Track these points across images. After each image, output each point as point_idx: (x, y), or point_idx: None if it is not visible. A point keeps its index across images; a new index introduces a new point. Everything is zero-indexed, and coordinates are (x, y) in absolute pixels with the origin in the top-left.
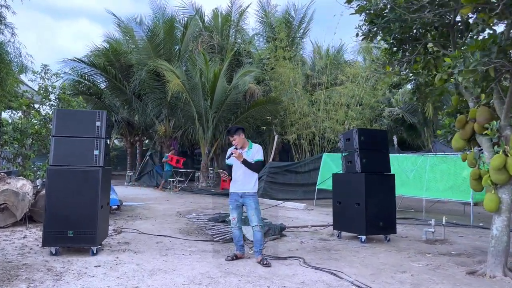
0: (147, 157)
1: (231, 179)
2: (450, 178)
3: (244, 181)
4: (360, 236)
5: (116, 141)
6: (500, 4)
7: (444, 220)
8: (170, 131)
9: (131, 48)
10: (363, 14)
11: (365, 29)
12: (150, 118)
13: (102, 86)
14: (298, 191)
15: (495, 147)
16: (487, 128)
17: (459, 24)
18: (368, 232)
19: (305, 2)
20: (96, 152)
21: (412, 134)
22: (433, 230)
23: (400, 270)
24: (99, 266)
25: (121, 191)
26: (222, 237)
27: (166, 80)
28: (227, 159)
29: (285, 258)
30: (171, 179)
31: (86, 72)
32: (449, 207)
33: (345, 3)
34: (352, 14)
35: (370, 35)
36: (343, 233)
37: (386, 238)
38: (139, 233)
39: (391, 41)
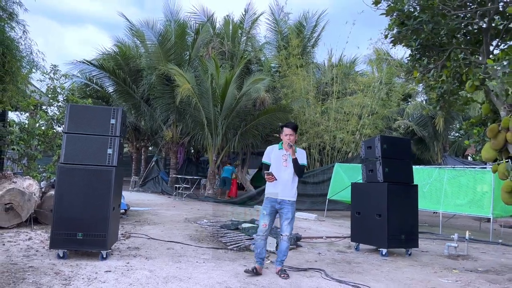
0: (153, 163)
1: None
2: (468, 192)
3: (285, 187)
4: (380, 249)
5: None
6: None
7: (467, 235)
8: (177, 137)
9: (141, 52)
10: (391, 16)
11: (394, 31)
12: (157, 123)
13: (110, 89)
14: (306, 202)
15: None
16: None
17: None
18: (390, 245)
19: (319, 10)
20: (109, 151)
21: (421, 148)
22: (456, 245)
23: (429, 286)
24: (109, 271)
25: (127, 196)
26: (236, 245)
27: (176, 85)
28: (264, 160)
29: (306, 270)
30: (177, 185)
31: (95, 75)
32: (463, 222)
33: (372, 4)
34: (382, 14)
35: (400, 37)
36: (361, 246)
37: (407, 252)
38: (149, 238)
39: (417, 46)
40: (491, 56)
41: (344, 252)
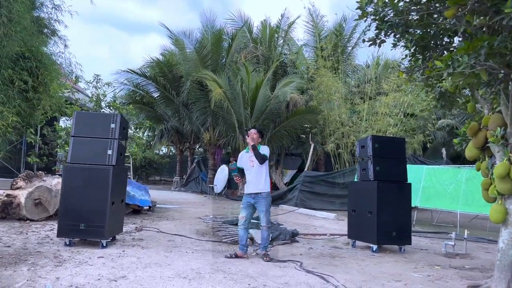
0: (194, 164)
1: (244, 182)
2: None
3: (255, 181)
4: (371, 246)
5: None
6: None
7: (466, 234)
8: (214, 139)
9: (182, 59)
10: (368, 20)
11: (371, 34)
12: (196, 126)
13: (155, 95)
14: (336, 202)
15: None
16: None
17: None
18: (379, 241)
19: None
20: (109, 152)
21: None
22: (453, 243)
23: (395, 279)
24: (102, 257)
25: (165, 195)
26: (231, 238)
27: (209, 89)
28: (238, 164)
29: (284, 261)
30: (211, 185)
31: (140, 83)
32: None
33: (356, 9)
34: (356, 20)
35: (377, 41)
36: (358, 243)
37: (401, 249)
38: (158, 231)
39: (412, 47)
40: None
41: (338, 248)
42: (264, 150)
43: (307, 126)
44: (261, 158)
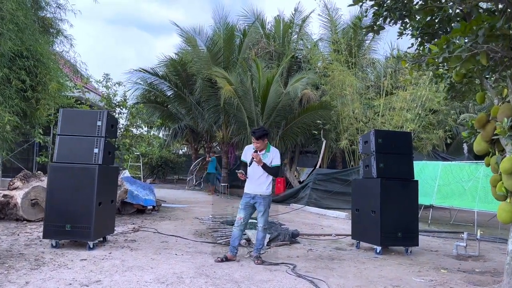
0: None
1: (246, 177)
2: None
3: (258, 183)
4: (375, 247)
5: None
6: None
7: (478, 234)
8: (227, 137)
9: (194, 57)
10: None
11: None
12: (209, 124)
13: (168, 94)
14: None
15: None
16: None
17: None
18: (383, 242)
19: None
20: (95, 151)
21: None
22: (465, 244)
23: (393, 284)
24: (85, 259)
25: (177, 194)
26: (226, 239)
27: (220, 87)
28: (242, 158)
29: (276, 264)
30: (223, 184)
31: (153, 82)
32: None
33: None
34: (350, 5)
35: (375, 27)
36: (363, 243)
37: (407, 250)
38: (155, 232)
39: (419, 35)
40: None
41: (340, 249)
42: (275, 158)
43: (319, 122)
44: (272, 173)
